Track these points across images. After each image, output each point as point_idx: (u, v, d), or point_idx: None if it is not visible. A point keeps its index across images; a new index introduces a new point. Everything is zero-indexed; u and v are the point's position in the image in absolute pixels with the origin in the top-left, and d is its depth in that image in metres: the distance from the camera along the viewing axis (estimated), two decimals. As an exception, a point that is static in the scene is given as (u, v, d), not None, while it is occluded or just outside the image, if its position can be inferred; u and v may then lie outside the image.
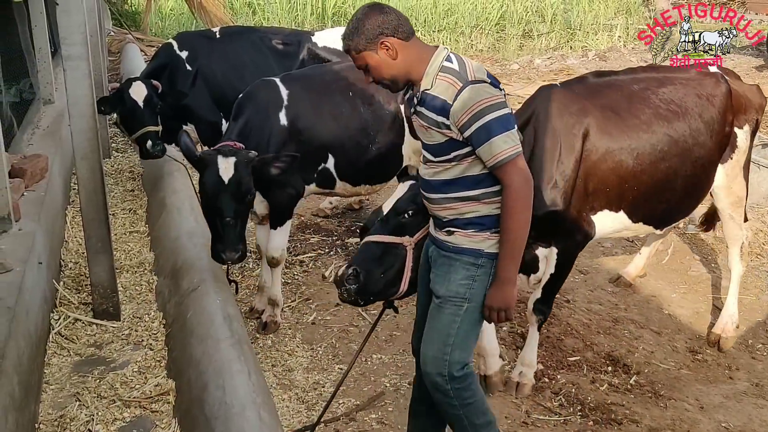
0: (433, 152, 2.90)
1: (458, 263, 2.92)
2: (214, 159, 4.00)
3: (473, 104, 2.72)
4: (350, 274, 3.10)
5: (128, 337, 4.13)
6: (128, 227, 5.63)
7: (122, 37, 12.56)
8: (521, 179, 2.79)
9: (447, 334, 2.94)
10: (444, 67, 2.80)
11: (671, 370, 4.47)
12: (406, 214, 3.18)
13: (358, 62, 2.88)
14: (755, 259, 6.14)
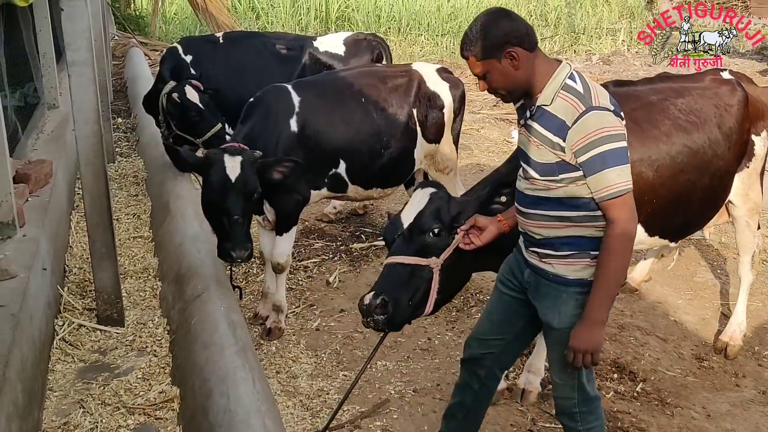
0: (539, 171, 2.75)
1: (565, 295, 2.82)
2: (221, 157, 4.01)
3: (593, 131, 2.60)
4: (378, 304, 2.98)
5: (132, 343, 4.12)
6: (132, 232, 5.62)
7: (126, 41, 12.58)
8: (628, 216, 2.67)
9: (568, 363, 2.86)
10: (567, 85, 2.67)
11: (678, 377, 4.44)
12: (431, 232, 3.09)
13: (476, 69, 2.71)
14: (761, 264, 6.11)
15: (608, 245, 2.69)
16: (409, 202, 3.22)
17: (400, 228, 3.16)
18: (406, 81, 5.09)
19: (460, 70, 14.56)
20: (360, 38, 6.54)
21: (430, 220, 3.11)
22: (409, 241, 3.11)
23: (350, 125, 4.78)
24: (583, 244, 2.79)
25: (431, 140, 5.19)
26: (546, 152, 2.69)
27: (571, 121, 2.62)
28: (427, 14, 18.90)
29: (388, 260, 3.11)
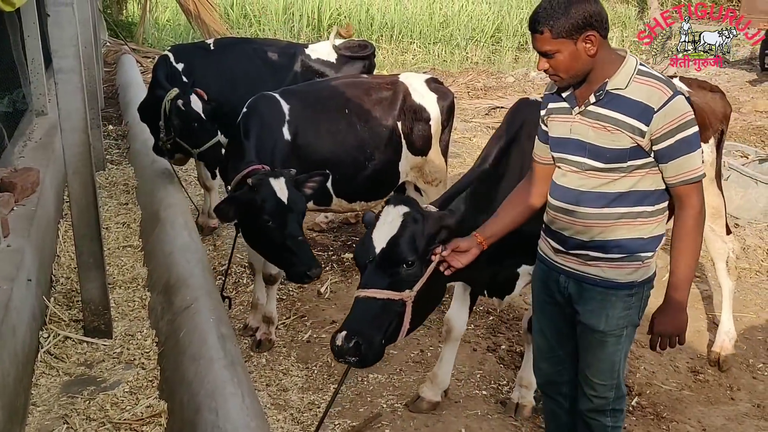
0: (607, 158, 2.66)
1: (614, 298, 2.80)
2: (267, 182, 3.91)
3: (680, 114, 2.60)
4: (351, 347, 2.83)
5: (120, 355, 4.04)
6: (122, 241, 5.53)
7: (118, 47, 12.49)
8: (702, 200, 2.70)
9: (613, 362, 2.91)
10: (643, 71, 2.66)
11: (673, 391, 4.39)
12: (405, 264, 2.94)
13: (545, 46, 2.61)
14: (754, 276, 6.09)
15: (688, 228, 2.68)
16: (381, 220, 3.03)
17: (371, 252, 2.98)
18: (391, 94, 5.05)
19: (452, 79, 14.58)
20: (351, 45, 6.49)
21: (404, 250, 2.93)
22: (382, 271, 2.94)
23: (336, 136, 4.75)
24: (636, 246, 2.76)
25: (418, 153, 5.14)
26: (621, 137, 2.63)
27: (657, 105, 2.58)
28: (419, 22, 18.91)
29: (360, 293, 2.94)
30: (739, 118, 11.31)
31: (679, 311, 2.76)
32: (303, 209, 4.03)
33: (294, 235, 3.91)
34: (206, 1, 9.52)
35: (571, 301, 2.91)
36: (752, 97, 13.03)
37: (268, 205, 3.87)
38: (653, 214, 2.75)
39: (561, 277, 2.91)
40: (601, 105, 2.67)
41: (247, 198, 3.93)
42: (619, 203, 2.72)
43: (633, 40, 20.77)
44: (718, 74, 15.75)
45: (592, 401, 3.00)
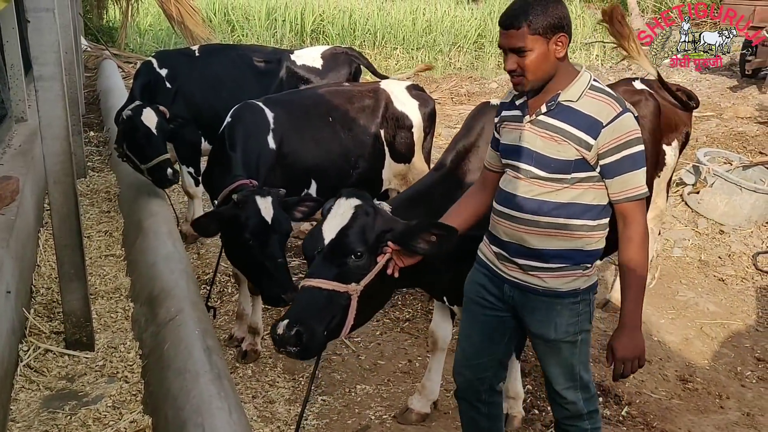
0: (552, 168, 2.68)
1: (560, 306, 2.80)
2: (253, 200, 3.82)
3: (628, 131, 2.63)
4: (292, 336, 2.72)
5: (102, 368, 3.93)
6: (104, 250, 5.43)
7: (99, 52, 12.36)
8: (645, 217, 2.75)
9: (572, 365, 2.90)
10: (595, 86, 2.69)
11: (662, 400, 4.37)
12: (354, 255, 2.85)
13: (519, 42, 2.59)
14: (740, 282, 6.11)
15: (635, 246, 2.70)
16: (332, 212, 2.96)
17: (320, 243, 2.90)
18: (372, 102, 5.02)
19: (436, 85, 14.58)
20: (338, 52, 6.44)
21: (353, 241, 2.86)
22: (329, 261, 2.85)
23: (320, 144, 4.71)
24: (575, 258, 2.77)
25: (401, 160, 5.11)
26: (568, 148, 2.65)
27: (606, 120, 2.61)
28: (402, 28, 18.92)
29: (305, 282, 2.84)
30: (720, 124, 11.38)
31: (636, 332, 2.74)
32: (287, 230, 3.92)
33: (273, 257, 3.82)
34: (189, 6, 9.43)
35: (518, 310, 2.90)
36: (733, 103, 13.12)
37: (251, 224, 3.78)
38: (594, 228, 2.76)
39: (506, 286, 2.90)
40: (552, 115, 2.69)
41: (230, 214, 3.84)
42: (558, 213, 2.72)
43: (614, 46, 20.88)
44: (698, 80, 15.85)
45: (567, 409, 2.99)
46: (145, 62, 6.17)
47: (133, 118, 5.29)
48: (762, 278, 6.16)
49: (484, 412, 3.19)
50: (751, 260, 6.46)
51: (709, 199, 7.23)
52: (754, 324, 5.39)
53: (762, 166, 7.64)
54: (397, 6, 20.67)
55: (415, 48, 18.36)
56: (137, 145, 5.33)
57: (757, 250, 6.63)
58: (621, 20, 4.38)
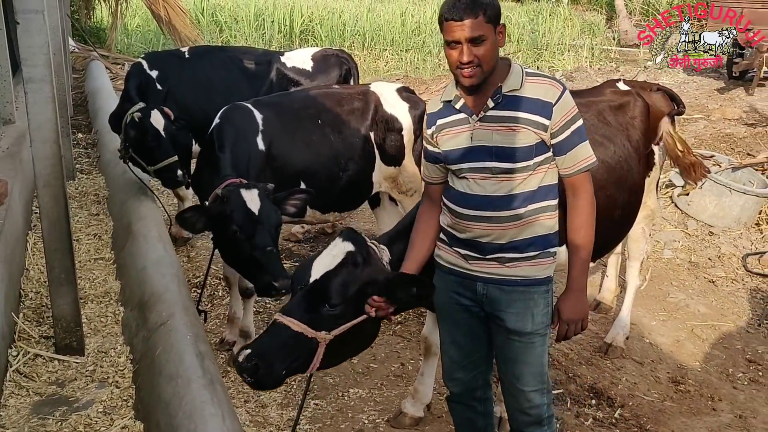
0: (517, 157, 2.72)
1: (536, 296, 2.86)
2: (237, 193, 3.80)
3: (570, 108, 2.74)
4: (249, 367, 2.70)
5: (93, 373, 3.90)
6: (93, 254, 5.38)
7: (87, 53, 12.28)
8: (592, 187, 2.85)
9: (541, 363, 2.93)
10: (529, 72, 2.77)
11: (655, 402, 4.37)
12: (328, 306, 2.79)
13: (475, 31, 2.60)
14: (730, 284, 6.13)
15: (583, 215, 2.83)
16: (327, 250, 2.91)
17: (306, 279, 2.84)
18: (362, 104, 4.98)
19: (425, 86, 14.57)
20: (328, 54, 6.42)
21: (332, 291, 2.79)
22: (306, 302, 2.80)
23: (310, 147, 4.68)
24: (546, 241, 2.85)
25: (391, 163, 5.09)
26: (527, 134, 2.71)
27: (554, 99, 2.70)
28: (392, 29, 18.91)
29: (278, 317, 2.80)
30: (708, 126, 11.44)
31: (582, 295, 2.88)
32: (276, 222, 3.89)
33: (262, 246, 3.78)
34: (177, 8, 9.38)
35: (493, 308, 2.90)
36: (720, 104, 13.19)
37: (237, 215, 3.77)
38: (555, 208, 2.85)
39: (478, 285, 2.90)
40: (501, 108, 2.73)
41: (217, 209, 3.83)
42: (530, 201, 2.78)
43: (602, 48, 21.04)
44: (686, 82, 15.95)
45: (530, 414, 2.98)
46: (136, 64, 6.13)
47: (144, 120, 5.25)
48: (751, 279, 6.19)
49: (481, 410, 3.20)
50: (741, 262, 6.49)
51: (699, 200, 7.26)
52: (744, 325, 5.41)
53: (750, 168, 7.68)
54: (386, 7, 20.68)
55: (404, 49, 18.36)
56: (146, 148, 5.29)
57: (747, 252, 6.66)
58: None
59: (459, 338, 3.07)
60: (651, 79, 16.22)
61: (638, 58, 20.27)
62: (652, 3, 28.22)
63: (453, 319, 3.05)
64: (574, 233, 2.85)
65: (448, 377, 3.18)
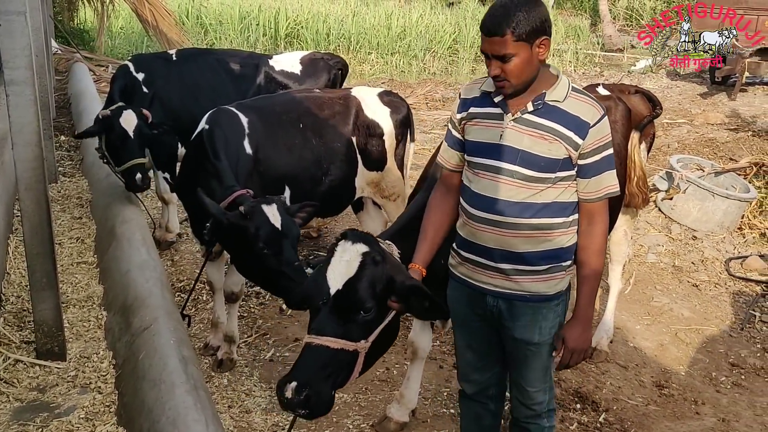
0: (541, 166, 2.67)
1: (545, 310, 2.85)
2: (260, 209, 3.72)
3: (606, 134, 2.72)
4: (302, 401, 2.56)
5: (75, 379, 3.86)
6: (75, 257, 5.33)
7: (70, 55, 12.18)
8: (608, 216, 2.84)
9: (546, 367, 2.96)
10: (575, 88, 2.74)
11: (639, 406, 4.39)
12: (364, 311, 2.69)
13: (503, 49, 2.55)
14: (713, 288, 6.17)
15: (598, 244, 2.80)
16: (337, 257, 2.75)
17: (325, 292, 2.70)
18: (343, 109, 4.97)
19: (410, 90, 14.59)
20: (316, 58, 6.40)
21: (363, 296, 2.68)
22: (337, 317, 2.67)
23: (293, 151, 4.65)
24: (558, 257, 2.81)
25: (373, 168, 5.08)
26: (558, 146, 2.67)
27: (593, 121, 2.67)
28: (377, 33, 18.91)
29: (313, 340, 2.65)
30: (692, 131, 11.53)
31: (588, 326, 2.87)
32: (297, 234, 3.84)
33: (291, 261, 3.74)
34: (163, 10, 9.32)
35: (502, 319, 2.90)
36: (703, 109, 13.29)
37: (263, 233, 3.68)
38: (571, 224, 2.80)
39: (488, 297, 2.89)
40: (539, 114, 2.69)
41: (240, 225, 3.71)
42: (543, 214, 2.74)
43: (586, 52, 21.14)
44: (669, 87, 16.06)
45: (532, 409, 3.03)
46: (122, 66, 6.07)
47: (111, 119, 5.21)
48: (735, 284, 6.23)
49: (492, 408, 3.23)
50: (724, 266, 6.53)
51: (682, 205, 7.30)
52: (727, 329, 5.44)
53: (733, 173, 7.74)
54: (372, 11, 20.68)
55: (389, 53, 18.37)
56: (112, 146, 5.26)
57: (730, 256, 6.71)
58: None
59: (474, 343, 3.09)
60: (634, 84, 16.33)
61: (622, 62, 20.41)
62: (635, 8, 28.44)
63: (467, 327, 3.06)
64: (585, 261, 2.81)
65: (465, 378, 3.20)
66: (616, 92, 4.44)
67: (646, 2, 28.64)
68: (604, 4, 24.83)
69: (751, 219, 7.31)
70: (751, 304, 5.80)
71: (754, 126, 11.50)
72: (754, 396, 4.61)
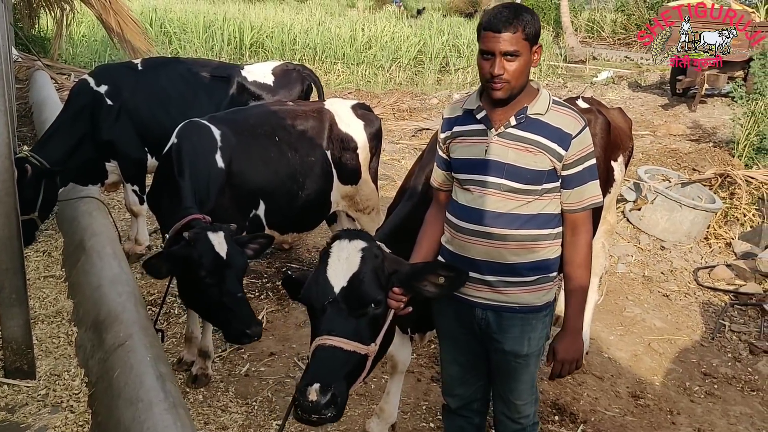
0: (527, 179, 2.70)
1: (534, 321, 2.85)
2: (204, 236, 3.61)
3: (588, 144, 2.75)
4: (329, 400, 2.47)
5: (45, 398, 3.74)
6: (42, 271, 5.19)
7: (31, 63, 11.92)
8: (592, 227, 2.85)
9: (533, 379, 2.97)
10: (556, 101, 2.79)
11: (616, 417, 4.40)
12: (375, 303, 2.66)
13: (511, 45, 2.59)
14: (683, 298, 6.25)
15: (582, 255, 2.81)
16: (334, 257, 2.71)
17: (329, 292, 2.65)
18: (317, 123, 4.92)
19: (377, 100, 14.60)
20: (289, 69, 6.33)
21: (371, 288, 2.65)
22: (346, 313, 2.62)
23: (268, 164, 4.59)
24: (547, 267, 2.83)
25: (348, 182, 5.05)
26: (543, 158, 2.70)
27: (574, 132, 2.70)
28: (343, 44, 18.93)
29: (324, 341, 2.58)
30: (655, 141, 11.72)
31: (578, 336, 2.88)
32: (243, 265, 3.72)
33: (232, 292, 3.63)
34: (129, 18, 9.17)
35: (490, 332, 2.90)
36: (665, 120, 13.53)
37: (206, 261, 3.58)
38: (557, 236, 2.82)
39: (477, 310, 2.89)
40: (522, 128, 2.72)
41: (183, 253, 3.62)
42: (531, 225, 2.76)
43: (549, 63, 21.40)
44: (632, 98, 16.33)
45: (519, 422, 3.04)
46: (80, 82, 5.81)
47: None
48: (703, 293, 6.32)
49: (476, 422, 3.23)
50: (692, 275, 6.62)
51: (650, 215, 7.40)
52: (698, 339, 5.51)
53: (699, 184, 7.87)
54: (337, 21, 20.70)
55: (355, 63, 18.39)
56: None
57: (697, 266, 6.81)
58: None
59: (460, 357, 3.09)
60: (597, 95, 16.55)
61: (584, 74, 20.71)
62: (597, 20, 28.91)
63: (453, 341, 3.06)
64: (571, 273, 2.82)
65: (449, 393, 3.19)
66: (596, 105, 4.48)
67: (606, 15, 29.16)
68: (567, 17, 25.23)
69: (717, 229, 7.44)
70: (720, 313, 5.89)
71: (714, 137, 11.73)
72: (727, 405, 4.66)
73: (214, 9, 20.31)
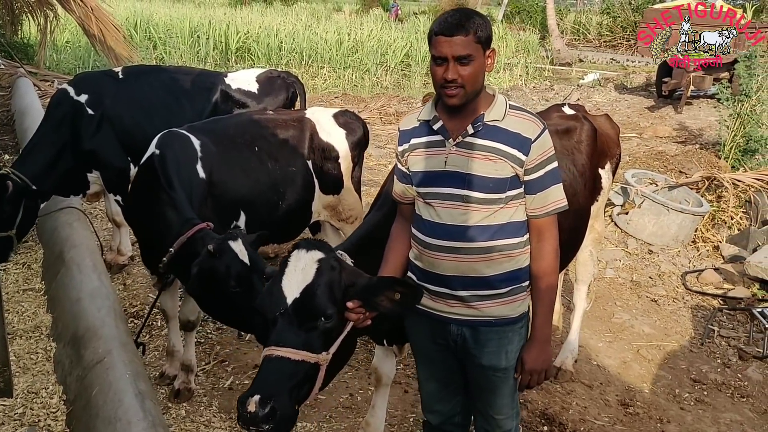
0: (490, 187, 2.64)
1: (511, 334, 2.80)
2: (228, 247, 3.49)
3: (548, 148, 2.69)
4: (267, 414, 2.40)
5: (22, 416, 3.65)
6: (21, 284, 5.10)
7: (13, 70, 11.81)
8: (557, 231, 2.79)
9: (513, 391, 2.91)
10: (513, 106, 2.73)
11: (606, 426, 4.35)
12: (325, 317, 2.57)
13: (464, 50, 2.54)
14: (672, 303, 6.22)
15: (547, 261, 2.76)
16: (291, 266, 2.64)
17: (282, 302, 2.58)
18: (298, 132, 4.84)
19: (364, 104, 14.54)
20: (274, 76, 6.24)
21: (322, 301, 2.57)
22: (296, 325, 2.55)
23: (249, 174, 4.51)
24: (519, 277, 2.77)
25: (329, 191, 4.98)
26: (504, 166, 2.63)
27: (533, 136, 2.64)
28: (330, 48, 18.88)
29: (271, 352, 2.52)
30: (641, 144, 11.72)
31: (546, 346, 2.83)
32: (263, 267, 3.58)
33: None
34: (111, 25, 9.06)
35: (467, 347, 2.84)
36: (652, 122, 13.55)
37: (234, 271, 3.46)
38: (526, 244, 2.77)
39: (452, 326, 2.83)
40: (480, 136, 2.66)
41: (210, 265, 3.49)
42: (500, 235, 2.70)
43: (536, 66, 21.42)
44: (618, 100, 16.37)
45: None
46: (59, 92, 5.68)
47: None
48: (692, 298, 6.29)
49: None
50: (680, 280, 6.60)
51: (638, 219, 7.37)
52: (687, 345, 5.47)
53: (686, 187, 7.85)
54: (324, 26, 20.66)
55: (342, 67, 18.35)
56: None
57: (685, 270, 6.78)
58: None
59: (437, 372, 3.02)
60: (584, 97, 16.58)
61: (571, 76, 20.75)
62: (583, 23, 29.00)
63: (428, 358, 2.99)
64: (538, 281, 2.77)
65: (428, 410, 3.12)
66: (583, 111, 4.43)
67: (592, 17, 29.28)
68: (553, 19, 25.30)
69: (704, 232, 7.42)
70: (709, 318, 5.85)
71: (701, 139, 11.75)
72: (717, 412, 4.62)
73: (200, 14, 20.22)
